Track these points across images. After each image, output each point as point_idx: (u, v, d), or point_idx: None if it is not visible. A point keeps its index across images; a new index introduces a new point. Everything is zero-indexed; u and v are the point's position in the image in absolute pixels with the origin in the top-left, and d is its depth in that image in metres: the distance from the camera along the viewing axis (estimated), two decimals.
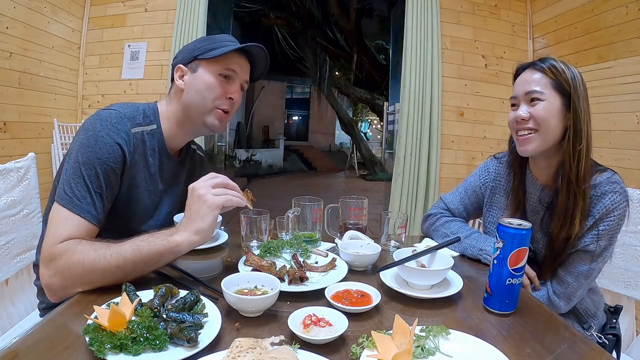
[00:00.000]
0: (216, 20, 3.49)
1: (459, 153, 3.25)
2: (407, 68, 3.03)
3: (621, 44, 2.38)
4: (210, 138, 3.94)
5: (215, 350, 0.59)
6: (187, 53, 1.03)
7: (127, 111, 0.96)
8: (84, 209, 0.84)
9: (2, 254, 1.16)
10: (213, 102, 1.01)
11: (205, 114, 1.02)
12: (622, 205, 0.93)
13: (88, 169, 0.86)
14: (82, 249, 0.79)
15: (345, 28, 9.74)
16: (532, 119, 0.97)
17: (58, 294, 0.80)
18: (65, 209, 0.83)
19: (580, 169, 0.93)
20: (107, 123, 0.91)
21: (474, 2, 3.22)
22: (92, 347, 0.56)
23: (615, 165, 2.29)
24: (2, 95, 2.46)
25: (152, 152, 1.01)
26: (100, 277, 0.78)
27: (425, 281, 0.86)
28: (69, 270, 0.78)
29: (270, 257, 0.99)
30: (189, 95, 1.01)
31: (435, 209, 1.28)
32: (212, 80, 1.00)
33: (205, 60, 1.00)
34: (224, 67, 1.00)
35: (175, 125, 1.05)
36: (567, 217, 0.95)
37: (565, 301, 1.00)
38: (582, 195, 0.94)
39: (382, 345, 0.59)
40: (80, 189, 0.85)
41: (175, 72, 1.03)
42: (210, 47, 1.00)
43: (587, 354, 0.67)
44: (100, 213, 0.87)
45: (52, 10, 2.82)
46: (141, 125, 0.98)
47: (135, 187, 0.97)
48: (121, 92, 3.18)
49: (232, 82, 1.03)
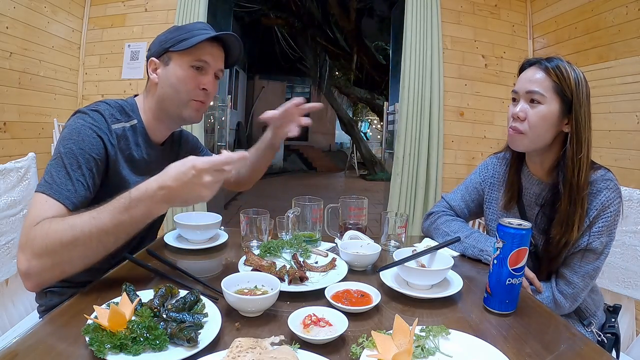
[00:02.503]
0: (216, 20, 3.49)
1: (459, 153, 3.25)
2: (407, 68, 3.03)
3: (621, 44, 2.38)
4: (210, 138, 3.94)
5: (215, 350, 0.59)
6: (159, 45, 1.01)
7: (105, 108, 0.96)
8: (63, 194, 0.82)
9: (2, 254, 1.16)
10: (187, 95, 1.00)
11: (181, 107, 1.01)
12: (616, 201, 0.96)
13: (70, 158, 0.86)
14: (57, 226, 0.75)
15: (345, 28, 9.74)
16: (527, 120, 0.98)
17: (36, 279, 0.76)
18: (44, 195, 0.81)
19: (581, 176, 0.95)
20: (89, 119, 0.91)
21: (474, 2, 3.21)
22: (92, 347, 0.56)
23: (615, 165, 2.29)
24: (2, 95, 2.46)
25: (136, 146, 1.01)
26: (80, 252, 0.75)
27: (425, 281, 0.86)
28: (46, 250, 0.74)
29: (270, 257, 0.99)
30: (163, 89, 1.01)
31: (437, 207, 1.29)
32: (184, 73, 0.99)
33: (177, 52, 0.98)
34: (195, 58, 0.99)
35: (154, 119, 1.05)
36: (568, 224, 0.96)
37: (571, 302, 1.00)
38: (581, 202, 0.95)
39: (382, 345, 0.59)
40: (61, 176, 0.84)
41: (148, 66, 1.02)
42: (180, 38, 0.98)
43: (587, 354, 0.67)
44: (79, 201, 0.85)
45: (52, 10, 2.82)
46: (121, 121, 0.98)
47: (125, 181, 0.97)
48: (121, 92, 3.18)
49: (204, 72, 1.01)
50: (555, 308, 1.00)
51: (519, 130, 0.99)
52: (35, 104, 2.75)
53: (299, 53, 11.57)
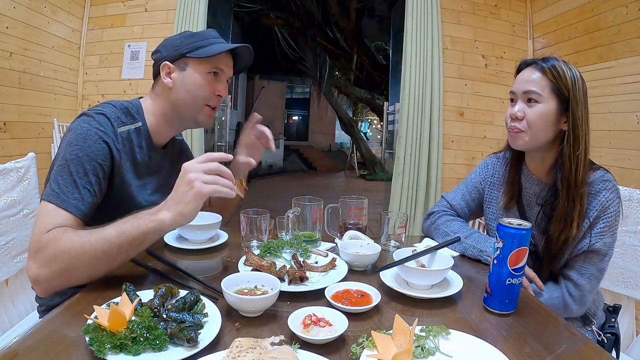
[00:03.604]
0: (216, 20, 3.49)
1: (459, 153, 3.25)
2: (407, 68, 3.03)
3: (621, 44, 2.38)
4: (210, 138, 3.94)
5: (215, 350, 0.59)
6: (173, 50, 1.02)
7: (111, 111, 0.96)
8: (71, 203, 0.84)
9: (2, 254, 1.16)
10: (203, 101, 1.03)
11: (196, 111, 1.04)
12: (616, 202, 0.97)
13: (76, 165, 0.86)
14: (68, 237, 0.78)
15: (345, 28, 9.75)
16: (525, 119, 0.99)
17: (45, 286, 0.79)
18: (52, 204, 0.83)
19: (578, 172, 0.96)
20: (95, 123, 0.92)
21: (474, 2, 3.21)
22: (92, 347, 0.56)
23: (615, 165, 2.29)
24: (2, 95, 2.46)
25: (140, 148, 1.02)
26: (86, 264, 0.77)
27: (425, 281, 0.86)
28: (55, 259, 0.77)
29: (270, 257, 0.99)
30: (178, 94, 1.02)
31: (438, 207, 1.29)
32: (202, 80, 1.01)
33: (195, 59, 1.00)
34: (213, 66, 1.02)
35: (163, 122, 1.06)
36: (567, 221, 0.97)
37: (579, 305, 1.01)
38: (580, 198, 0.96)
39: (382, 345, 0.59)
40: (68, 184, 0.85)
41: (161, 70, 1.03)
42: (198, 45, 1.00)
43: (587, 354, 0.67)
44: (87, 208, 0.86)
45: (52, 10, 2.82)
46: (126, 124, 0.99)
47: (127, 185, 0.98)
48: (121, 92, 3.18)
49: (220, 80, 1.04)
50: (564, 310, 1.00)
51: (518, 129, 1.00)
52: (35, 104, 2.75)
53: (299, 53, 11.58)
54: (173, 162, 1.17)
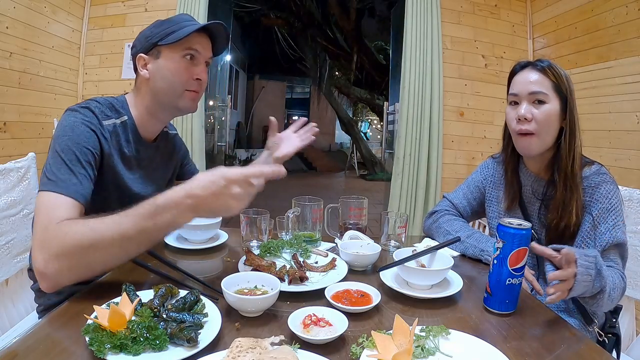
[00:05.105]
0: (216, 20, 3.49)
1: (459, 153, 3.25)
2: (407, 68, 3.03)
3: (621, 44, 2.38)
4: (210, 138, 3.94)
5: (215, 350, 0.59)
6: (145, 40, 1.01)
7: (95, 106, 0.96)
8: (71, 189, 0.82)
9: (2, 254, 1.16)
10: (182, 86, 1.01)
11: (176, 98, 1.02)
12: (616, 192, 0.99)
13: (68, 154, 0.86)
14: (78, 228, 0.73)
15: (345, 28, 9.74)
16: (534, 120, 0.99)
17: (52, 280, 0.74)
18: (53, 193, 0.80)
19: (574, 164, 0.99)
20: (80, 115, 0.92)
21: (474, 2, 3.21)
22: (92, 347, 0.56)
23: (615, 165, 2.29)
24: (2, 95, 2.45)
25: (127, 142, 1.01)
26: (99, 257, 0.74)
27: (425, 281, 0.86)
28: (64, 252, 0.72)
29: (270, 257, 0.99)
30: (156, 83, 1.01)
31: (440, 206, 1.30)
32: (176, 65, 0.99)
33: (166, 45, 0.98)
34: (185, 48, 0.99)
35: (147, 115, 1.05)
36: (565, 208, 0.99)
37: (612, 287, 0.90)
38: (576, 187, 0.98)
39: (382, 345, 0.59)
40: (64, 172, 0.83)
41: (137, 63, 1.02)
42: (168, 32, 0.98)
43: (587, 354, 0.67)
44: (87, 193, 0.85)
45: (52, 10, 2.82)
46: (111, 118, 0.98)
47: (119, 176, 0.98)
48: (121, 92, 3.10)
49: (196, 62, 1.02)
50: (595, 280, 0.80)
51: (528, 132, 1.00)
52: (35, 104, 2.75)
53: (299, 53, 11.58)
54: (165, 156, 1.16)
